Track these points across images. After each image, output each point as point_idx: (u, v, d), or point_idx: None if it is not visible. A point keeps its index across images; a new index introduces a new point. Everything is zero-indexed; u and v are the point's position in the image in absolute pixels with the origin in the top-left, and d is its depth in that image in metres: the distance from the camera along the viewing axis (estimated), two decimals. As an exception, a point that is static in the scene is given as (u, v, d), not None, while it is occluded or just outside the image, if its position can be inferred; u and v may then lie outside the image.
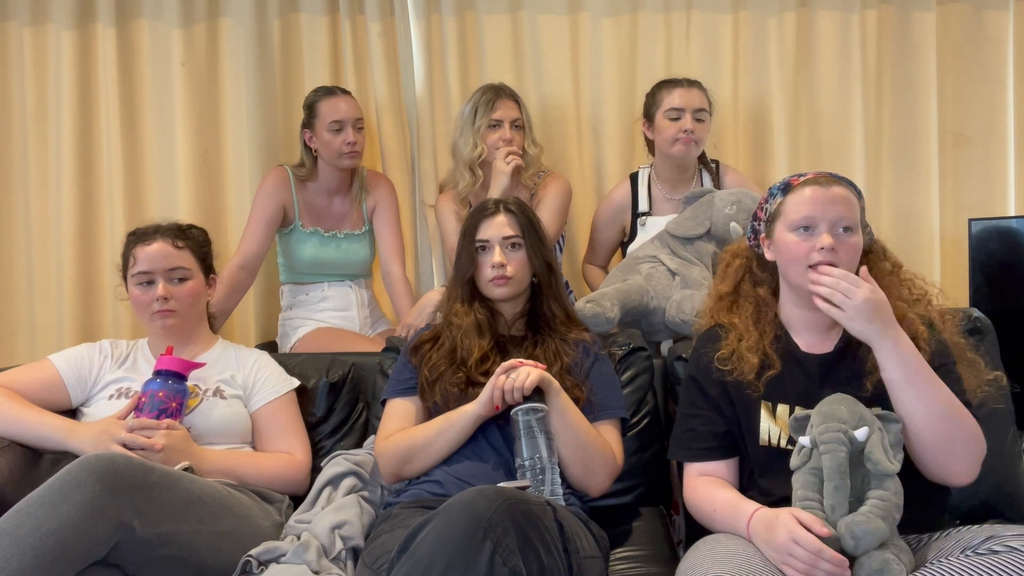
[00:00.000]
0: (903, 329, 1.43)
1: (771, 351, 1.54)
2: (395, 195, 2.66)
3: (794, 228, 1.49)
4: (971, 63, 2.72)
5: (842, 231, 1.47)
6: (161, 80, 2.67)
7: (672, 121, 2.38)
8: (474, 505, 1.22)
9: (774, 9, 2.67)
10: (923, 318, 1.53)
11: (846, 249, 1.46)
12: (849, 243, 1.47)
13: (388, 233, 2.59)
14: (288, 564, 1.50)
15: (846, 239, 1.47)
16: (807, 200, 1.49)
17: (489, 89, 2.45)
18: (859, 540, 1.24)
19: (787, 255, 1.51)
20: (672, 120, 2.38)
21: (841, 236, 1.47)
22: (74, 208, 2.65)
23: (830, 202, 1.47)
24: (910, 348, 1.40)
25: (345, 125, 2.47)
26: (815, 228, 1.47)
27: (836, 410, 1.35)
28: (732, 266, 1.67)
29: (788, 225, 1.51)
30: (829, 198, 1.48)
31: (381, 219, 2.61)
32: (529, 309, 1.85)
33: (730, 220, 2.20)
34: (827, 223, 1.47)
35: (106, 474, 1.38)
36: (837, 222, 1.47)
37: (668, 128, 2.39)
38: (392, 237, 2.59)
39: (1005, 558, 1.19)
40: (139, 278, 1.88)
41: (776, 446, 1.49)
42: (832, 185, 1.49)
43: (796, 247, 1.49)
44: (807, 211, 1.48)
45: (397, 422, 1.74)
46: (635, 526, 1.77)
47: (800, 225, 1.49)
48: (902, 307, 1.51)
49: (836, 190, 1.49)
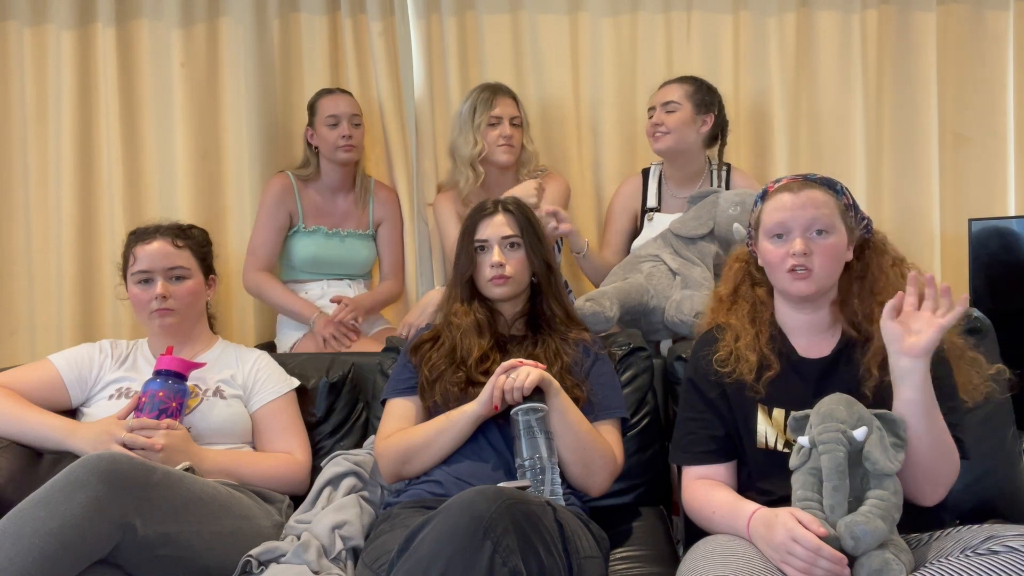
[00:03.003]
0: None
1: (768, 351, 1.54)
2: (399, 211, 2.71)
3: (770, 235, 1.52)
4: (971, 63, 2.72)
5: (815, 234, 1.48)
6: (161, 80, 2.67)
7: (649, 120, 2.44)
8: (474, 505, 1.22)
9: (774, 9, 2.67)
10: None
11: (821, 251, 1.48)
12: (824, 245, 1.48)
13: (390, 252, 2.71)
14: (288, 564, 1.50)
15: (821, 241, 1.48)
16: (779, 207, 1.51)
17: (487, 87, 2.47)
18: (859, 540, 1.24)
19: (767, 262, 1.54)
20: (649, 118, 2.44)
21: (815, 239, 1.48)
22: (74, 208, 2.65)
23: (801, 207, 1.49)
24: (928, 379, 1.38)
25: (341, 120, 2.51)
26: (788, 234, 1.50)
27: (835, 410, 1.35)
28: (733, 269, 1.69)
29: (765, 232, 1.54)
30: (800, 203, 1.49)
31: (385, 236, 2.70)
32: (529, 309, 1.85)
33: (733, 221, 2.20)
34: (800, 228, 1.49)
35: (108, 474, 1.38)
36: (810, 226, 1.48)
37: (647, 128, 2.45)
38: (394, 256, 2.71)
39: (1005, 558, 1.19)
40: (138, 277, 1.88)
41: (773, 449, 1.50)
42: (804, 189, 1.51)
43: (772, 254, 1.52)
44: (779, 218, 1.51)
45: (397, 422, 1.74)
46: (635, 526, 1.77)
47: (775, 232, 1.51)
48: None
49: (808, 193, 1.50)
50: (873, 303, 1.52)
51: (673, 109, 2.38)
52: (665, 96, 2.41)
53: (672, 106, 2.38)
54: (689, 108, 2.39)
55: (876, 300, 1.52)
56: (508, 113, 2.44)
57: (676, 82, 2.43)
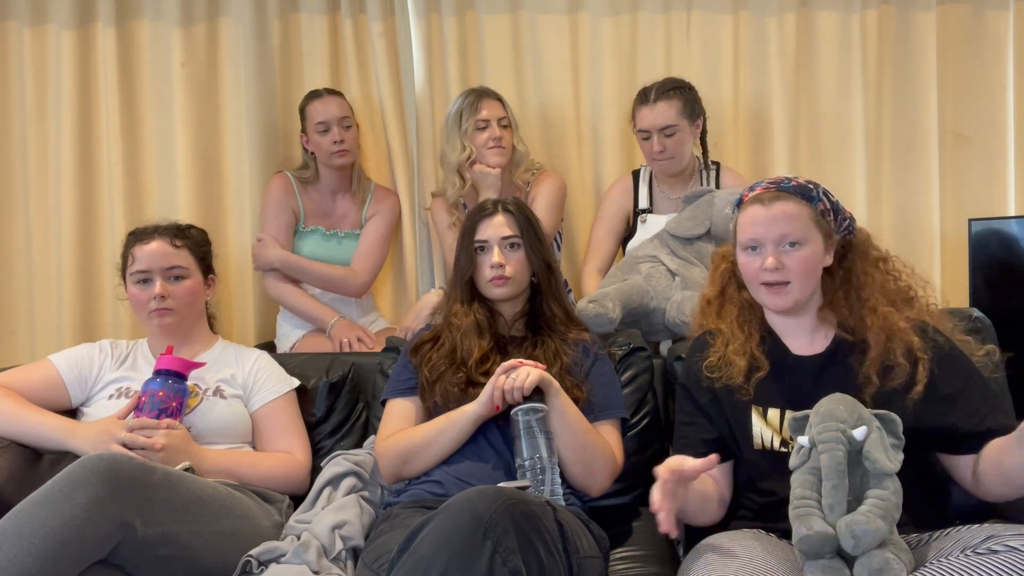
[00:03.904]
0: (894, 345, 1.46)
1: (758, 352, 1.55)
2: (396, 213, 2.68)
3: (744, 248, 1.54)
4: (971, 63, 2.72)
5: (788, 247, 1.49)
6: (161, 80, 2.67)
7: (644, 140, 2.39)
8: (474, 505, 1.22)
9: (774, 9, 2.66)
10: (915, 324, 1.52)
11: (795, 263, 1.49)
12: (797, 257, 1.49)
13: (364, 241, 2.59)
14: (288, 564, 1.50)
15: (794, 253, 1.49)
16: (750, 221, 1.52)
17: (471, 92, 2.46)
18: (859, 540, 1.24)
19: (744, 273, 1.56)
20: (644, 139, 2.39)
21: (788, 252, 1.49)
22: (74, 208, 2.65)
23: (772, 221, 1.49)
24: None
25: (330, 125, 2.50)
26: (761, 247, 1.51)
27: (834, 409, 1.35)
28: (719, 269, 1.69)
29: (739, 245, 1.55)
30: (770, 217, 1.50)
31: (367, 228, 2.62)
32: (529, 309, 1.85)
33: (730, 220, 2.19)
34: (771, 243, 1.49)
35: (108, 474, 1.38)
36: (781, 240, 1.49)
37: (643, 147, 2.41)
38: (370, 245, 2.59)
39: (1005, 558, 1.19)
40: (137, 277, 1.89)
41: (770, 449, 1.50)
42: (775, 202, 1.51)
43: (747, 267, 1.53)
44: (751, 233, 1.52)
45: (397, 422, 1.74)
46: (635, 526, 1.77)
47: (748, 245, 1.53)
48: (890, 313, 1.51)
49: (779, 207, 1.50)
50: (863, 309, 1.53)
51: (672, 132, 2.34)
52: (660, 120, 2.33)
53: (670, 129, 2.33)
54: (685, 124, 2.36)
55: (866, 306, 1.52)
56: (495, 115, 2.43)
57: (663, 100, 2.33)
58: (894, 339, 1.49)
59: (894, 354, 1.48)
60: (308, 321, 2.56)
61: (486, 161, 2.41)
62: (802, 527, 1.27)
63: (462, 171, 2.44)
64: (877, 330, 1.50)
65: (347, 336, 2.45)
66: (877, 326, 1.50)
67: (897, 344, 1.48)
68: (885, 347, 1.49)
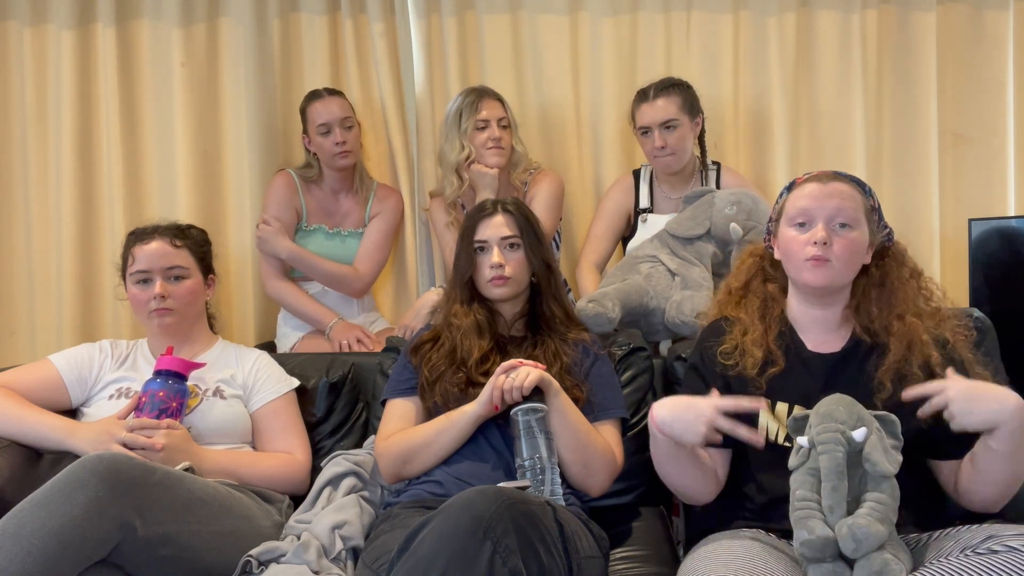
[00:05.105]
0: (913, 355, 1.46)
1: (775, 347, 1.55)
2: (399, 212, 2.68)
3: (792, 223, 1.52)
4: (971, 63, 2.72)
5: (838, 226, 1.48)
6: (161, 80, 2.67)
7: (644, 137, 2.39)
8: (474, 505, 1.22)
9: (774, 9, 2.66)
10: (936, 337, 1.52)
11: (842, 244, 1.48)
12: (846, 238, 1.48)
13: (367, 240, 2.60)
14: (288, 564, 1.50)
15: (843, 234, 1.48)
16: (805, 195, 1.51)
17: (471, 91, 2.45)
18: (860, 543, 1.24)
19: (786, 250, 1.54)
20: (644, 136, 2.39)
21: (837, 231, 1.48)
22: (74, 208, 2.65)
23: (827, 196, 1.49)
24: None
25: (332, 126, 2.49)
26: (811, 223, 1.49)
27: (834, 410, 1.35)
28: (746, 263, 1.69)
29: (787, 220, 1.53)
30: (826, 193, 1.49)
31: (371, 227, 2.62)
32: (529, 309, 1.85)
33: (730, 221, 2.20)
34: (823, 218, 1.48)
35: (108, 474, 1.38)
36: (834, 216, 1.48)
37: (643, 144, 2.42)
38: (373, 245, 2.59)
39: (1005, 558, 1.19)
40: (137, 277, 1.89)
41: (774, 442, 1.50)
42: (832, 181, 1.51)
43: (792, 241, 1.51)
44: (803, 204, 1.50)
45: (397, 422, 1.74)
46: (635, 526, 1.77)
47: (797, 220, 1.51)
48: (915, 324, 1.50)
49: (835, 185, 1.50)
50: (891, 315, 1.52)
51: (673, 127, 2.34)
52: (661, 115, 2.33)
53: (671, 124, 2.34)
54: (686, 120, 2.36)
55: (894, 312, 1.52)
56: (495, 115, 2.42)
57: (663, 96, 2.34)
58: (914, 349, 1.48)
59: (911, 364, 1.47)
60: (307, 322, 2.56)
61: (485, 161, 2.41)
62: (804, 530, 1.27)
63: (460, 171, 2.43)
64: (900, 337, 1.50)
65: (346, 337, 2.45)
66: (901, 333, 1.50)
67: (916, 355, 1.48)
68: (904, 355, 1.48)
